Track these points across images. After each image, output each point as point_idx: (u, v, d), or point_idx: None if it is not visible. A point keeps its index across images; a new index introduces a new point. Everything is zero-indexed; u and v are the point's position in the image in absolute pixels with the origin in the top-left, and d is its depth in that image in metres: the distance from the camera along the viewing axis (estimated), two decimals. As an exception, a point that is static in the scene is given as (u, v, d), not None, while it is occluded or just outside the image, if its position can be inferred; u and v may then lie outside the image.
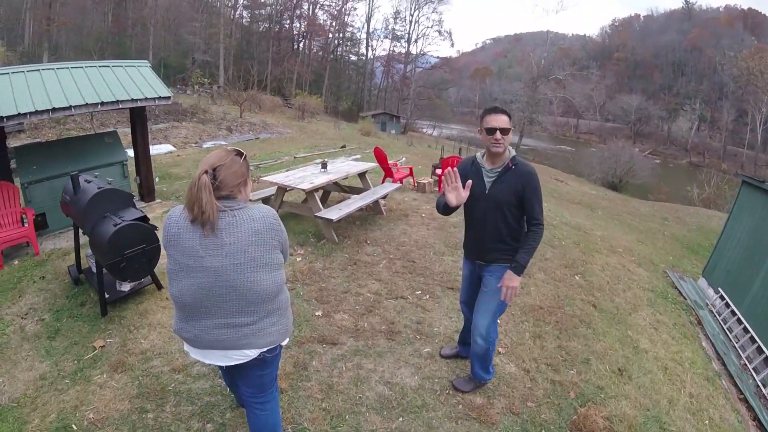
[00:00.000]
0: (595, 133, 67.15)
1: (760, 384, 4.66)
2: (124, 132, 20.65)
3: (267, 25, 54.72)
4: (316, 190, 6.26)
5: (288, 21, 56.11)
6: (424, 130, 56.82)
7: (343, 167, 7.51)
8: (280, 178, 6.67)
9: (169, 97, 7.90)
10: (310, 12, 56.44)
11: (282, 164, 13.68)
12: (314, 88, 49.71)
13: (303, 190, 5.95)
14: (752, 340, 5.45)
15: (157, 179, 10.08)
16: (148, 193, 8.75)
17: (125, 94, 7.52)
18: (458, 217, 7.75)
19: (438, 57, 67.15)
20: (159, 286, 5.16)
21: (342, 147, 19.36)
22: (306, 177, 6.62)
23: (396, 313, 4.46)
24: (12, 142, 16.57)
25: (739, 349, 5.40)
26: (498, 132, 2.84)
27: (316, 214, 5.98)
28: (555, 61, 59.65)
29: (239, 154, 2.12)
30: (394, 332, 4.14)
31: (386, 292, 4.88)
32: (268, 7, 54.06)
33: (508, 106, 68.17)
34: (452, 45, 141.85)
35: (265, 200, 7.01)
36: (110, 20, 43.50)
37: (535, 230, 2.90)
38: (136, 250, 4.49)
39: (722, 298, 6.47)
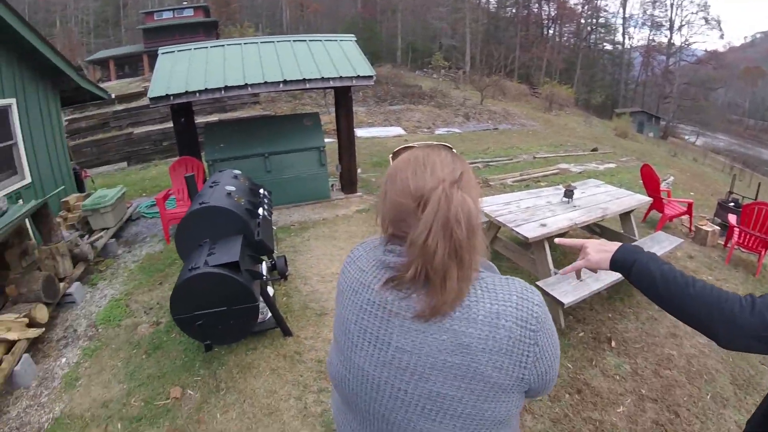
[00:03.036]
0: None
1: None
2: (391, 110, 21.09)
3: (514, 10, 51.63)
4: (549, 237, 3.93)
5: (537, 4, 51.88)
6: (686, 137, 47.82)
7: (599, 198, 4.86)
8: (497, 204, 4.54)
9: (370, 77, 6.71)
10: (561, -6, 51.23)
11: (517, 165, 11.40)
12: (564, 78, 45.02)
13: (525, 238, 3.76)
14: None
15: (359, 170, 8.99)
16: (348, 184, 7.95)
17: (315, 72, 6.51)
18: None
19: (705, 50, 54.54)
20: (286, 333, 3.89)
21: (593, 150, 15.51)
22: (537, 209, 4.35)
23: None
24: (242, 114, 17.86)
25: None
26: None
27: (540, 284, 3.67)
28: None
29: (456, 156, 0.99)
30: None
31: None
32: (516, -8, 51.01)
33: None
34: (722, 36, 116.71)
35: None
36: (359, 6, 46.79)
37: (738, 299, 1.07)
38: (215, 311, 3.22)
39: None
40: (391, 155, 4.86)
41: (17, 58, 6.04)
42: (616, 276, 3.63)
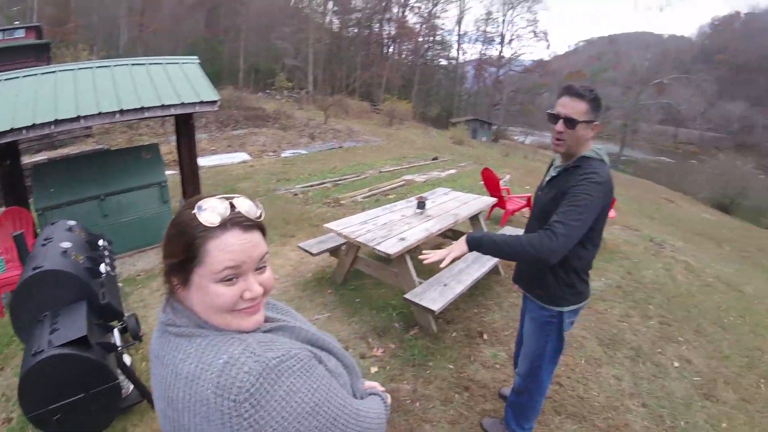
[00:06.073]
0: (695, 143, 59.11)
1: None
2: (235, 135, 20.00)
3: (356, 30, 53.29)
4: (410, 250, 4.00)
5: (378, 25, 54.28)
6: (516, 138, 52.98)
7: (449, 205, 5.13)
8: (354, 225, 4.44)
9: (214, 102, 6.29)
10: (400, 14, 54.25)
11: (365, 181, 11.57)
12: (403, 93, 47.37)
13: (387, 254, 3.76)
14: None
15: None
16: (193, 220, 7.24)
17: (154, 99, 5.92)
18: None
19: (532, 60, 61.44)
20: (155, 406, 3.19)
21: (433, 159, 16.56)
22: (393, 225, 4.38)
23: None
24: (73, 150, 15.95)
25: None
26: (561, 122, 2.00)
27: (408, 297, 3.75)
28: (657, 64, 54.23)
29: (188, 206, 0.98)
30: None
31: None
32: (358, 13, 52.66)
33: (606, 114, 62.13)
34: (548, 46, 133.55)
35: (334, 252, 5.00)
36: (203, 26, 44.54)
37: (541, 235, 1.89)
38: (72, 400, 2.62)
39: None
40: None
41: None
42: (476, 275, 4.08)
